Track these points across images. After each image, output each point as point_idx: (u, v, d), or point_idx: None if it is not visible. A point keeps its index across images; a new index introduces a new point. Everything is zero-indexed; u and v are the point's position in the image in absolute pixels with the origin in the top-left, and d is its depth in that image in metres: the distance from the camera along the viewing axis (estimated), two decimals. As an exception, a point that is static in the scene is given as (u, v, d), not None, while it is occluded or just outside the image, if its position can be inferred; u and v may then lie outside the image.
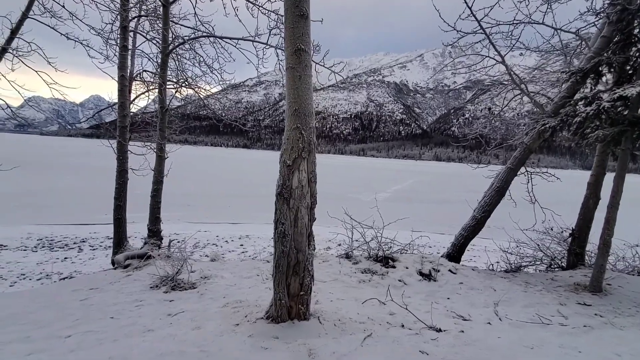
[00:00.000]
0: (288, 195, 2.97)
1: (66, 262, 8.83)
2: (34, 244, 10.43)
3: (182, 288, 4.46)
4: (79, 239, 11.25)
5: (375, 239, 5.81)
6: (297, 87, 2.85)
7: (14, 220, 13.07)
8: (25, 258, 8.96)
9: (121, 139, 7.43)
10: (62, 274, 7.94)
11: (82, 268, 8.35)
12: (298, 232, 3.03)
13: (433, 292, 4.66)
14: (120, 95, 7.43)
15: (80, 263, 8.84)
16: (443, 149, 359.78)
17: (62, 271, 8.09)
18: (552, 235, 7.25)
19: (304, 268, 3.09)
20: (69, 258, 9.22)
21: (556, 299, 4.60)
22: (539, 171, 6.96)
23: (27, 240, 10.76)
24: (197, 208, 18.80)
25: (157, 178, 7.45)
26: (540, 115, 5.40)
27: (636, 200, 6.99)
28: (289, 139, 2.92)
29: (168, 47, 7.26)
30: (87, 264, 8.66)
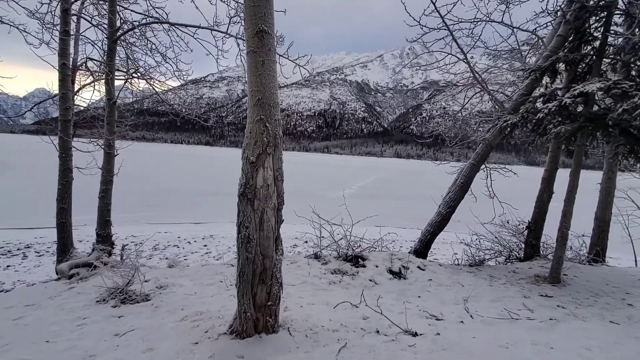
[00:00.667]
0: (252, 195, 2.67)
1: (9, 271, 7.95)
2: None
3: (134, 301, 3.98)
4: (23, 245, 10.18)
5: (345, 237, 5.65)
6: (259, 74, 2.55)
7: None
8: (-40, 268, 7.86)
9: (63, 135, 6.63)
10: (4, 283, 7.12)
11: (27, 277, 7.53)
12: (264, 236, 2.74)
13: (404, 291, 4.57)
14: (61, 85, 6.61)
15: (25, 271, 7.97)
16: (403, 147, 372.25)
17: (3, 280, 7.28)
18: (509, 228, 7.55)
19: (271, 275, 2.81)
20: (12, 266, 8.31)
21: (520, 291, 4.71)
22: (497, 167, 7.21)
23: (-36, 248, 9.58)
24: (157, 208, 17.76)
25: (106, 177, 6.75)
26: (501, 112, 5.52)
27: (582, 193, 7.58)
28: (252, 132, 2.62)
29: (115, 32, 6.57)
30: (32, 272, 7.83)
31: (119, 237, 12.11)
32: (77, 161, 6.92)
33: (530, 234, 6.88)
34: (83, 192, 7.51)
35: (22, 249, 9.79)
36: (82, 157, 7.15)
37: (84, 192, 7.04)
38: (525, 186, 14.21)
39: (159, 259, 9.71)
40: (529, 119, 4.73)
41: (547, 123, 4.10)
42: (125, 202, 18.46)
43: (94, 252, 6.57)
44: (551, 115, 4.04)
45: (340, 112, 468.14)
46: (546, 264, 6.35)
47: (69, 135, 6.70)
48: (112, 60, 6.63)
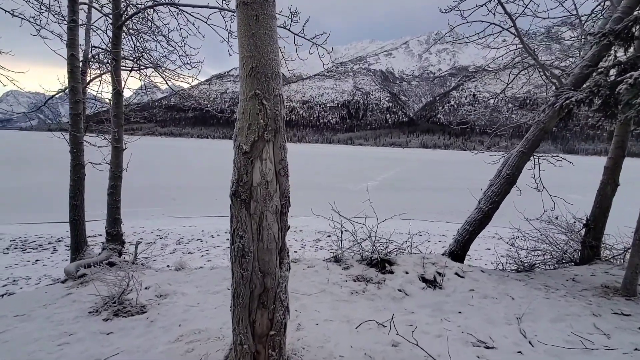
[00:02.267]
0: (247, 196, 2.04)
1: (37, 265, 8.05)
2: (6, 245, 9.61)
3: (128, 313, 3.50)
4: (54, 239, 10.42)
5: (369, 238, 4.94)
6: (253, 33, 1.88)
7: (-14, 220, 12.11)
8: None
9: (74, 129, 6.31)
10: (30, 278, 7.17)
11: (54, 271, 7.53)
12: (264, 248, 2.11)
13: (440, 304, 3.83)
14: (70, 78, 6.25)
15: (52, 266, 8.03)
16: (429, 136, 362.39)
17: (31, 275, 7.33)
18: (560, 225, 6.56)
19: (274, 298, 2.18)
20: (41, 260, 8.43)
21: (587, 307, 3.84)
22: (548, 155, 6.22)
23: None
24: (183, 202, 17.88)
25: (114, 173, 6.39)
26: (561, 88, 4.56)
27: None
28: (245, 113, 1.97)
29: (120, 17, 6.12)
30: (59, 266, 7.81)
31: (145, 230, 12.20)
32: (92, 156, 6.65)
33: (589, 233, 5.88)
34: (100, 188, 7.30)
35: (53, 243, 10.06)
36: (98, 152, 6.91)
37: (101, 188, 6.82)
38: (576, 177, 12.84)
39: (182, 253, 9.54)
40: (600, 93, 3.79)
41: (633, 97, 3.19)
42: (152, 196, 18.76)
43: (103, 251, 6.26)
44: (637, 87, 3.12)
45: (364, 102, 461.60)
46: (610, 269, 5.38)
47: (80, 130, 6.37)
48: (118, 47, 6.19)
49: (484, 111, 7.02)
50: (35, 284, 6.90)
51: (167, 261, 8.58)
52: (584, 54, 4.98)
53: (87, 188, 6.56)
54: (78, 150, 6.40)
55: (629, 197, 7.36)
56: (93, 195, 7.39)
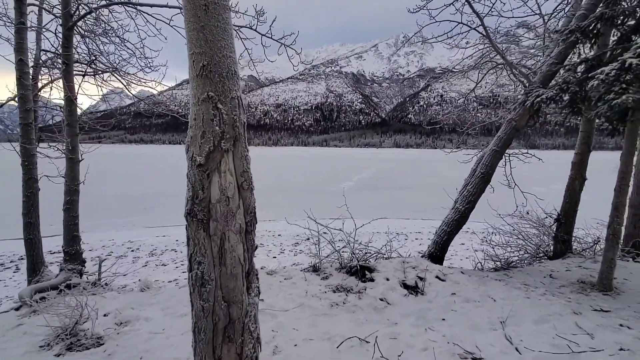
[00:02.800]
0: (205, 215, 1.76)
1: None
2: None
3: (83, 346, 3.10)
4: (17, 257, 9.66)
5: (348, 245, 4.75)
6: (202, 25, 1.62)
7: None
8: (-52, 284, 7.21)
9: (25, 140, 5.72)
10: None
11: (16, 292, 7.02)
12: (227, 274, 1.84)
13: (424, 312, 3.68)
14: (19, 85, 5.66)
15: (15, 286, 7.39)
16: (402, 136, 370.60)
17: None
18: (532, 220, 6.67)
19: (242, 329, 1.91)
20: (2, 280, 7.82)
21: (567, 305, 3.82)
22: (518, 152, 6.29)
23: (-45, 262, 8.98)
24: (156, 211, 17.09)
25: (70, 187, 5.84)
26: (530, 86, 4.57)
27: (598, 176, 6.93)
28: (197, 118, 1.70)
29: (70, 18, 5.61)
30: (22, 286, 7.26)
31: (115, 243, 11.49)
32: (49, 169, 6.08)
33: (560, 227, 5.98)
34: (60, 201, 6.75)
35: (16, 261, 9.39)
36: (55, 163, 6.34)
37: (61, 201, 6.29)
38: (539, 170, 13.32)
39: (155, 266, 9.03)
40: (569, 90, 3.80)
41: (604, 92, 3.17)
42: (122, 206, 17.80)
43: (61, 272, 5.70)
44: (608, 83, 3.11)
45: (337, 104, 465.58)
46: (583, 262, 5.48)
47: (32, 141, 5.79)
48: (69, 50, 5.67)
49: (454, 110, 7.03)
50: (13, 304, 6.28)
51: (139, 275, 8.06)
52: (549, 52, 5.04)
53: (46, 202, 6.01)
54: (30, 162, 5.82)
55: (593, 190, 7.63)
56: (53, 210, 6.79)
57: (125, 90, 6.79)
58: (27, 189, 5.79)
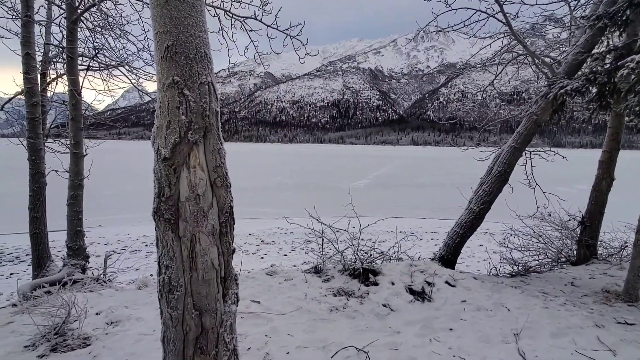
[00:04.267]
0: (173, 214, 1.58)
1: (11, 279, 7.58)
2: None
3: (68, 347, 3.00)
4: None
5: (351, 246, 4.51)
6: (166, 1, 1.43)
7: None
8: (-37, 277, 7.47)
9: (32, 135, 5.76)
10: (2, 294, 6.72)
11: None
12: (199, 279, 1.66)
13: (430, 320, 3.42)
14: (26, 80, 5.70)
15: (28, 279, 7.56)
16: (420, 134, 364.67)
17: (2, 290, 6.90)
18: (553, 222, 6.24)
19: (216, 340, 1.73)
20: (16, 274, 7.96)
21: (588, 317, 3.47)
22: (540, 149, 5.87)
23: (-29, 255, 9.25)
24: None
25: (74, 182, 5.83)
26: (554, 77, 4.19)
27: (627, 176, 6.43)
28: (162, 107, 1.52)
29: (75, 11, 5.58)
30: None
31: (130, 237, 11.67)
32: (56, 164, 6.12)
33: (585, 231, 5.55)
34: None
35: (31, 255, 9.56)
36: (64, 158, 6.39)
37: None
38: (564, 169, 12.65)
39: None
40: (598, 81, 3.43)
41: (635, 82, 2.81)
42: (140, 201, 18.14)
43: (64, 267, 5.72)
44: (639, 72, 2.75)
45: (353, 101, 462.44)
46: (608, 269, 5.06)
47: (39, 136, 5.82)
48: (73, 44, 5.64)
49: (473, 106, 6.64)
50: (6, 300, 6.40)
51: (151, 270, 8.12)
52: (575, 41, 4.62)
53: (55, 196, 6.04)
54: (37, 157, 5.86)
55: (622, 191, 7.10)
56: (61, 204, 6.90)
57: (133, 85, 6.74)
58: (33, 183, 5.84)
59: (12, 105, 7.27)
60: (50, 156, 6.36)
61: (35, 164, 5.86)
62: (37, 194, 5.90)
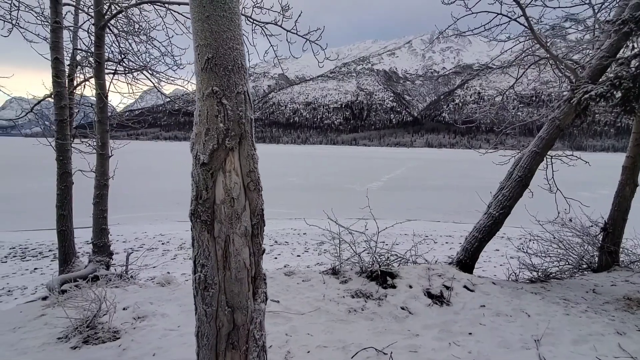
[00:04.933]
0: (209, 216, 1.68)
1: (35, 274, 7.95)
2: (5, 253, 9.59)
3: (99, 340, 3.16)
4: (55, 246, 10.43)
5: (369, 248, 4.56)
6: (207, 15, 1.53)
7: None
8: (-9, 270, 7.91)
9: (60, 136, 6.02)
10: (27, 288, 7.06)
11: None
12: (232, 278, 1.74)
13: (449, 324, 3.44)
14: (55, 83, 5.97)
15: (51, 274, 7.90)
16: (434, 136, 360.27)
17: (27, 285, 7.22)
18: (574, 228, 6.12)
19: (246, 336, 1.81)
20: (40, 269, 8.33)
21: (610, 324, 3.42)
22: (562, 154, 5.77)
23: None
24: (187, 206, 17.70)
25: (100, 181, 6.07)
26: (577, 82, 4.14)
27: None
28: (202, 115, 1.61)
29: (102, 17, 5.82)
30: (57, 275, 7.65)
31: (147, 235, 11.99)
32: (81, 164, 6.39)
33: (607, 237, 5.44)
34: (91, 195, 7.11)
35: (54, 250, 10.10)
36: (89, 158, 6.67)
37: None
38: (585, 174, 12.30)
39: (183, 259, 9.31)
40: (623, 86, 3.38)
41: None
42: (157, 200, 18.60)
43: (89, 264, 5.95)
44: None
45: (367, 102, 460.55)
46: (630, 276, 4.96)
47: (66, 137, 6.08)
48: (101, 49, 5.88)
49: (491, 108, 6.58)
50: (31, 294, 6.77)
51: (167, 268, 8.33)
52: (599, 45, 4.55)
53: (79, 194, 6.29)
54: (65, 157, 6.11)
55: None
56: (85, 202, 7.17)
57: (156, 88, 6.96)
58: (61, 182, 6.09)
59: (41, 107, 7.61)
60: (76, 156, 6.62)
61: (63, 164, 6.12)
62: (65, 193, 6.15)
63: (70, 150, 6.31)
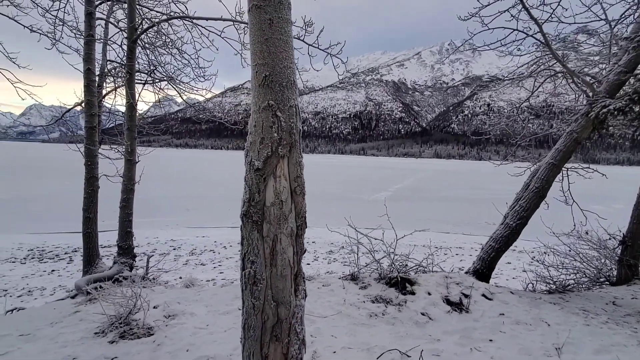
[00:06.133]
0: (260, 217, 1.84)
1: (52, 276, 8.16)
2: (24, 254, 9.80)
3: (135, 335, 3.32)
4: (71, 249, 10.64)
5: (388, 256, 4.67)
6: (266, 38, 1.72)
7: (6, 229, 12.44)
8: (11, 271, 8.31)
9: (89, 142, 6.33)
10: (45, 289, 7.25)
11: (69, 282, 7.53)
12: (278, 275, 1.90)
13: (469, 331, 3.52)
14: (86, 92, 6.32)
15: (68, 276, 8.10)
16: (443, 146, 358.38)
17: (46, 286, 7.42)
18: (591, 241, 6.12)
19: (288, 329, 1.95)
20: (57, 270, 8.55)
21: (632, 336, 3.46)
22: (578, 166, 5.83)
23: (18, 251, 10.09)
24: (197, 212, 18.02)
25: (127, 186, 6.34)
26: (595, 96, 4.25)
27: None
28: (257, 125, 1.79)
29: (135, 31, 6.14)
30: (74, 277, 7.79)
31: (159, 241, 12.23)
32: (105, 169, 6.67)
33: (626, 250, 5.44)
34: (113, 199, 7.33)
35: (70, 253, 10.27)
36: (111, 165, 6.95)
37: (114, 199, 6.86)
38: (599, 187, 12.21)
39: (194, 265, 9.49)
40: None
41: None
42: (167, 206, 18.93)
43: (114, 265, 6.17)
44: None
45: (376, 113, 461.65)
46: (651, 290, 4.94)
47: (95, 143, 6.38)
48: (133, 61, 6.20)
49: (505, 120, 6.68)
50: (49, 295, 6.96)
51: (180, 272, 8.49)
52: (616, 60, 4.66)
53: (101, 199, 6.56)
54: (92, 163, 6.41)
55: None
56: (106, 206, 7.41)
57: (179, 97, 7.26)
58: (88, 186, 6.36)
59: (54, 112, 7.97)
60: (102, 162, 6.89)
61: (90, 169, 6.40)
62: (91, 197, 6.42)
63: (98, 156, 6.60)
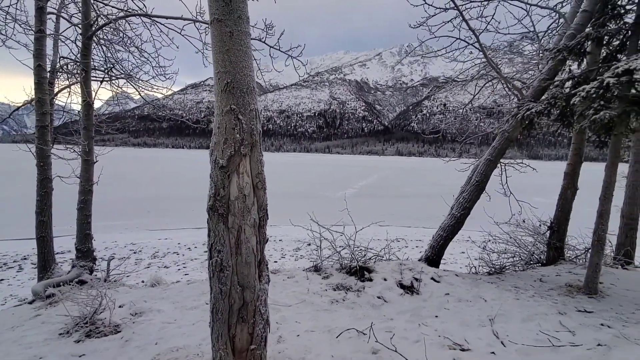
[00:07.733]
0: (225, 210, 2.05)
1: (2, 285, 7.68)
2: None
3: (101, 333, 3.36)
4: (20, 257, 9.99)
5: (348, 247, 5.01)
6: (227, 49, 1.93)
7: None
8: (-47, 283, 7.64)
9: (41, 142, 6.04)
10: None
11: (20, 291, 7.20)
12: (242, 262, 2.12)
13: (418, 309, 3.93)
14: (37, 89, 6.00)
15: (19, 285, 7.68)
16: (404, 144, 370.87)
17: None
18: (527, 228, 6.91)
19: (254, 311, 2.18)
20: (6, 280, 8.08)
21: (553, 306, 4.06)
22: (513, 162, 6.56)
23: (-40, 261, 9.33)
24: (159, 214, 17.43)
25: (84, 187, 6.14)
26: (522, 100, 4.87)
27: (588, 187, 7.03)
28: (221, 127, 2.00)
29: (90, 27, 5.97)
30: (26, 286, 7.45)
31: (118, 245, 11.77)
32: (60, 169, 6.40)
33: (553, 235, 6.23)
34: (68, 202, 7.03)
35: (19, 261, 9.69)
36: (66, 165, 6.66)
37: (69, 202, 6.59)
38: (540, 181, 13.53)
39: (157, 268, 9.29)
40: (557, 105, 4.09)
41: (585, 108, 3.46)
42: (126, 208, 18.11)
43: (73, 269, 5.98)
44: (589, 100, 3.40)
45: (340, 111, 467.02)
46: (574, 269, 5.71)
47: (47, 143, 6.10)
48: (88, 58, 6.02)
49: (454, 120, 7.32)
50: (0, 305, 6.54)
51: (142, 276, 8.30)
52: (541, 68, 5.34)
53: (54, 202, 6.30)
54: (45, 163, 6.13)
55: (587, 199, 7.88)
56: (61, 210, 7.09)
57: (139, 95, 7.12)
58: (41, 188, 6.09)
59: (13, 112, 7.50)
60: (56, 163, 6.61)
61: (43, 170, 6.13)
62: (45, 199, 6.15)
63: (51, 156, 6.32)
